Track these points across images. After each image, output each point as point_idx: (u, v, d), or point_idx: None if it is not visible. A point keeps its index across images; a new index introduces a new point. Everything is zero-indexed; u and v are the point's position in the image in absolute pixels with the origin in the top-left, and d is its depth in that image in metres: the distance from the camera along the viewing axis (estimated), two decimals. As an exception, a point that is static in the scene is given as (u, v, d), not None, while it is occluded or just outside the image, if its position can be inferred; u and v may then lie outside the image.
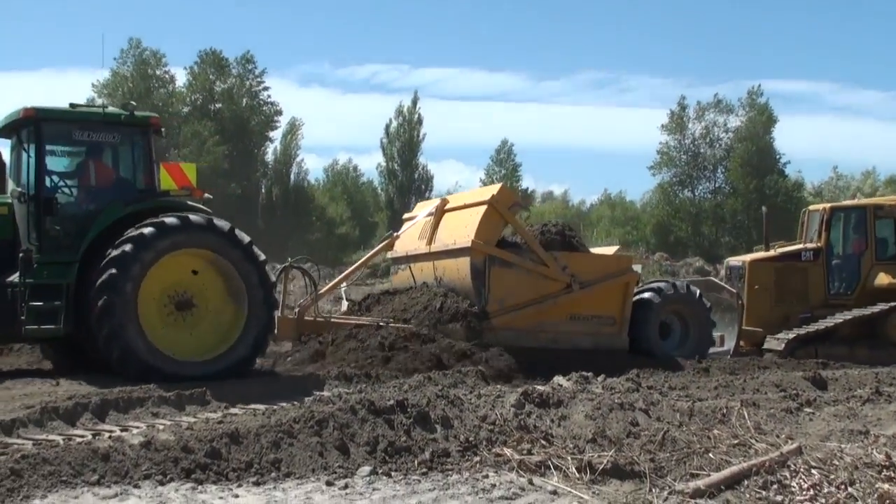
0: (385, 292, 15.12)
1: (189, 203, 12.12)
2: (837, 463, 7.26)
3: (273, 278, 12.11)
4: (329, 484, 6.24)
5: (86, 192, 11.89)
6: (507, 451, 7.11)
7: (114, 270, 10.59)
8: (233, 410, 8.85)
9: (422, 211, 15.24)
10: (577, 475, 6.73)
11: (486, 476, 6.64)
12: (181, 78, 63.59)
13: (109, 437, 7.22)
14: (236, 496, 5.85)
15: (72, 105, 11.90)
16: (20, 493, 5.56)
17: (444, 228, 14.17)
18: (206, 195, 13.13)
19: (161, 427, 7.68)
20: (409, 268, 14.75)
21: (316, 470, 6.56)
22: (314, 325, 13.35)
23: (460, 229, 13.62)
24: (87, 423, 7.92)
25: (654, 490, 6.47)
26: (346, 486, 6.19)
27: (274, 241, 46.36)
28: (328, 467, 6.62)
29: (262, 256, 11.58)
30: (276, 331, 12.39)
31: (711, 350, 15.63)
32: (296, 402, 9.00)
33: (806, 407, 9.83)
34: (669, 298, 15.06)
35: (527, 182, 77.80)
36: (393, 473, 6.62)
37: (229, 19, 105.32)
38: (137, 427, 7.83)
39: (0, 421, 7.41)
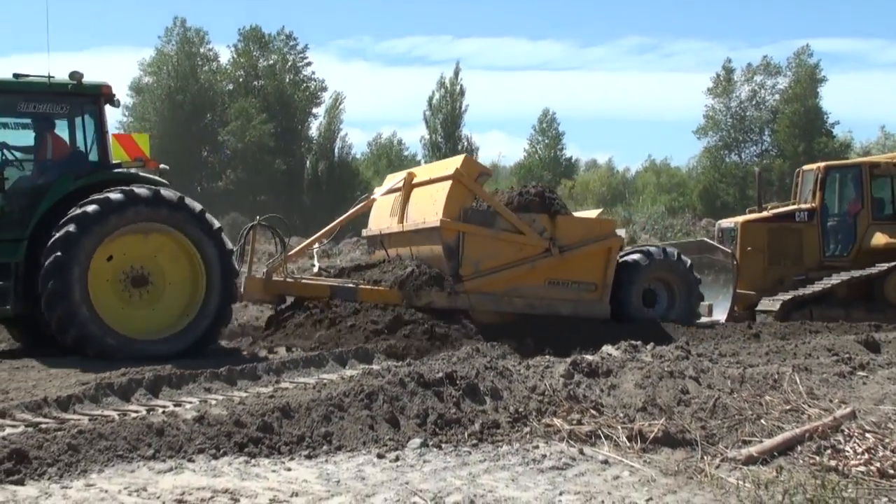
0: (357, 266, 14.78)
1: (143, 175, 11.65)
2: (892, 426, 7.19)
3: (231, 246, 11.51)
4: (380, 457, 6.28)
5: (34, 165, 11.47)
6: (557, 422, 7.12)
7: (59, 253, 10.20)
8: (283, 385, 8.92)
9: (389, 183, 14.72)
10: (628, 444, 6.73)
11: (537, 447, 6.66)
12: (224, 55, 63.96)
13: (163, 412, 7.32)
14: (289, 469, 5.91)
15: (16, 76, 11.34)
16: (77, 467, 5.65)
17: (413, 205, 13.65)
18: (163, 166, 12.84)
19: (213, 402, 7.76)
20: (384, 245, 14.27)
21: (367, 443, 6.61)
22: (283, 286, 12.87)
23: (429, 206, 13.10)
24: (141, 398, 8.01)
25: (705, 458, 6.44)
26: (396, 459, 6.24)
27: (319, 215, 46.60)
28: (379, 440, 6.67)
29: (217, 224, 11.17)
30: (242, 291, 12.27)
31: (700, 321, 14.91)
32: (343, 376, 9.05)
33: (859, 370, 9.71)
34: (655, 264, 14.38)
35: (571, 151, 77.65)
36: (443, 445, 6.65)
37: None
38: (190, 402, 7.92)
39: (57, 397, 7.53)
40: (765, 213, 18.09)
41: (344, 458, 6.27)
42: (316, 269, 14.75)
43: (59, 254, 10.19)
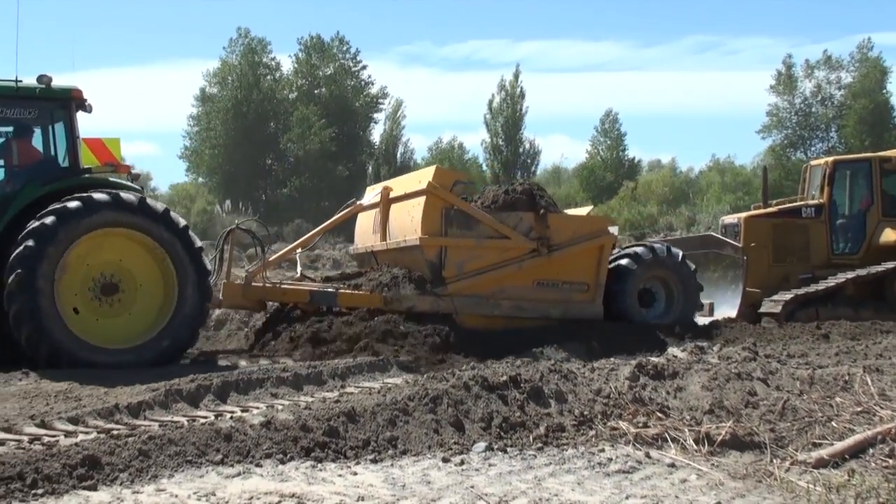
0: (343, 274, 14.51)
1: (112, 180, 11.39)
2: (968, 429, 7.00)
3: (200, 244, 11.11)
4: (445, 460, 6.29)
5: (3, 171, 11.21)
6: (623, 425, 7.07)
7: (20, 271, 9.90)
8: (348, 389, 8.99)
9: (366, 197, 14.19)
10: (695, 447, 6.66)
11: (602, 450, 6.62)
12: (286, 64, 64.60)
13: (231, 417, 7.43)
14: (355, 474, 5.95)
15: None
16: (148, 472, 5.74)
17: (393, 221, 13.15)
18: (133, 170, 12.59)
19: (280, 407, 7.86)
20: (375, 261, 13.68)
21: (432, 447, 6.62)
22: (263, 292, 12.47)
23: (407, 223, 12.65)
24: (210, 404, 8.13)
25: (775, 461, 6.35)
26: (462, 463, 6.24)
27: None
28: (444, 444, 6.68)
29: (183, 223, 10.87)
30: (220, 297, 12.05)
31: (700, 318, 14.45)
32: (408, 380, 9.08)
33: (933, 371, 9.48)
34: (647, 263, 13.73)
35: (633, 151, 76.76)
36: (508, 449, 6.64)
37: (328, 4, 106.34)
38: (257, 408, 8.01)
39: (128, 403, 7.67)
40: (769, 209, 17.42)
41: (409, 462, 6.29)
42: (298, 275, 14.33)
43: (20, 271, 9.93)
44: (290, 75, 64.39)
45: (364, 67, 65.87)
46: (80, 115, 11.42)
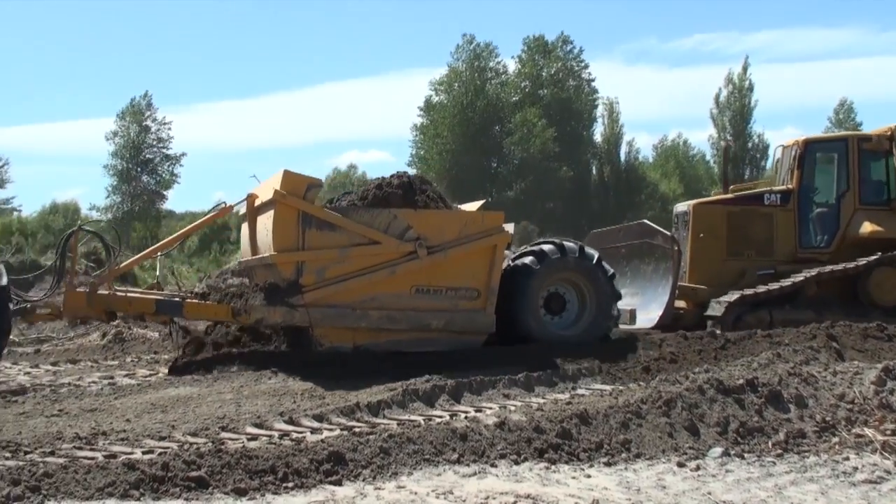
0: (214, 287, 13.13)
1: None
2: None
3: None
4: (680, 465, 6.21)
5: None
6: (869, 432, 6.76)
7: None
8: (580, 391, 9.00)
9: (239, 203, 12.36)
10: (951, 457, 6.27)
11: (847, 458, 6.36)
12: (510, 66, 65.32)
13: (465, 417, 7.62)
14: (588, 476, 5.97)
15: None
16: (389, 469, 5.96)
17: (258, 233, 11.71)
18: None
19: (512, 408, 7.97)
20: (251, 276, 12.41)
21: (666, 451, 6.55)
22: (108, 301, 11.02)
23: (264, 236, 11.23)
24: (445, 404, 8.33)
25: None
26: (697, 468, 6.14)
27: (608, 221, 46.44)
28: (678, 448, 6.60)
29: None
30: (62, 306, 10.98)
31: (623, 327, 12.56)
32: (641, 384, 8.99)
33: None
34: (554, 265, 11.72)
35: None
36: (746, 455, 6.49)
37: (554, 4, 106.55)
38: (490, 408, 8.16)
39: (368, 402, 7.99)
40: (725, 196, 15.29)
41: (643, 465, 6.25)
42: (155, 281, 13.44)
43: None
44: (513, 77, 65.04)
45: (587, 67, 65.75)
46: None
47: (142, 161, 57.42)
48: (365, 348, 10.66)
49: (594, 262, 11.90)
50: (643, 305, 13.71)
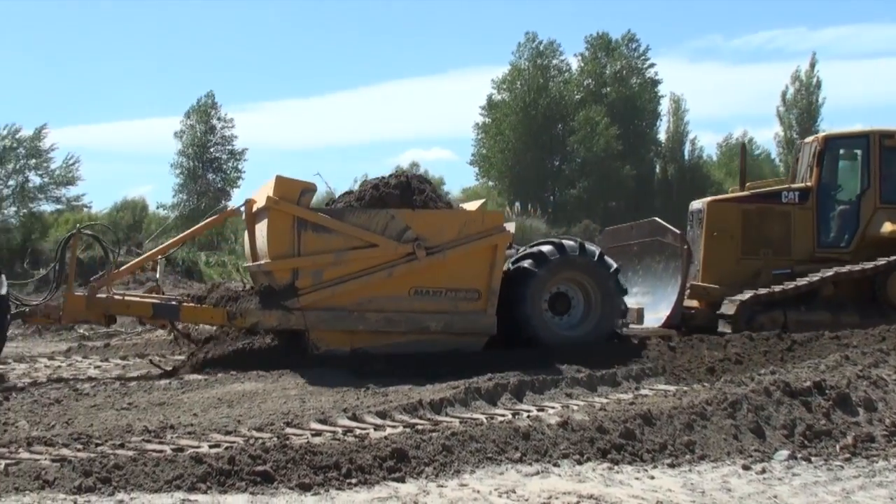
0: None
1: None
2: None
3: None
4: (745, 468, 6.15)
5: None
6: (941, 437, 6.61)
7: None
8: (643, 392, 8.95)
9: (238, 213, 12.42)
10: None
11: (918, 463, 6.23)
12: (573, 64, 64.97)
13: (528, 416, 7.61)
14: (652, 477, 5.93)
15: None
16: (451, 467, 5.99)
17: (257, 239, 11.60)
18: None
19: (575, 408, 7.96)
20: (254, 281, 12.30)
21: (731, 453, 6.49)
22: (107, 305, 11.04)
23: (262, 242, 11.16)
24: (507, 402, 8.33)
25: None
26: (763, 471, 6.07)
27: (672, 219, 45.91)
28: (743, 451, 6.53)
29: None
30: (61, 310, 10.99)
31: (630, 326, 12.34)
32: (705, 385, 8.90)
33: None
34: (555, 264, 11.50)
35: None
36: (813, 458, 6.40)
37: (616, 2, 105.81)
38: (553, 407, 8.15)
39: (430, 400, 8.02)
40: (741, 193, 14.83)
41: (707, 467, 6.19)
42: (155, 284, 13.09)
43: None
44: (576, 75, 64.71)
45: (652, 65, 65.16)
46: None
47: (208, 159, 58.14)
48: (363, 351, 10.55)
49: (595, 258, 11.72)
50: (654, 304, 13.53)
